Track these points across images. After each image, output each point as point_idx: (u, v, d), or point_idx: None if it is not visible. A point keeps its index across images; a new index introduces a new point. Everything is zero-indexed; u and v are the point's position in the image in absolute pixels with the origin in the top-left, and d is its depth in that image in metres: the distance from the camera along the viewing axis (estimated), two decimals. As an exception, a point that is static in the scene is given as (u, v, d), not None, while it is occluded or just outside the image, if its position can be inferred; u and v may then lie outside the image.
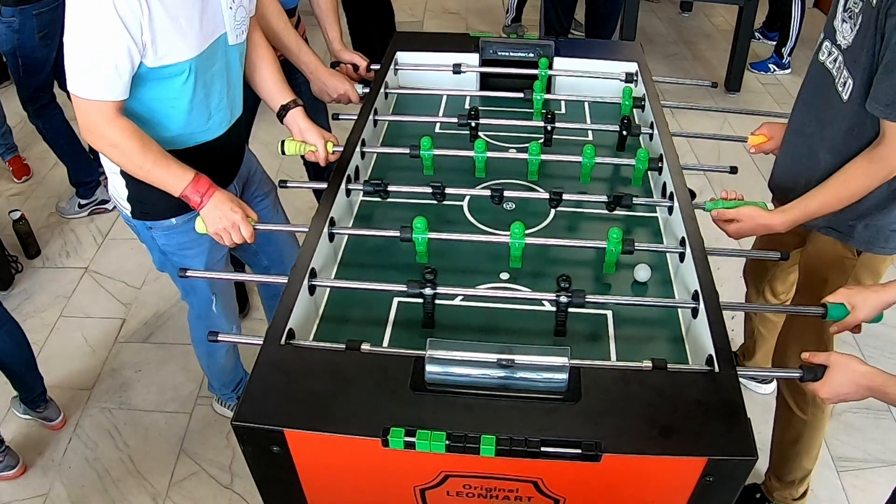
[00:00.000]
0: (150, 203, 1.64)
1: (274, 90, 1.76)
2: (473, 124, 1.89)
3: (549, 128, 1.89)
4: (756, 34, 4.44)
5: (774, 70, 4.40)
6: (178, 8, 1.41)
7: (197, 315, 2.02)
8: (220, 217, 1.52)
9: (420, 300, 1.38)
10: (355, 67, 2.20)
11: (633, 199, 1.63)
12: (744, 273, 2.20)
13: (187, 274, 1.52)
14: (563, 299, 1.34)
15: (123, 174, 1.61)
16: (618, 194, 1.62)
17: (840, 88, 1.51)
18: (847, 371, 1.24)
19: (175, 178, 1.50)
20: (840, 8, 1.50)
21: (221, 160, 1.73)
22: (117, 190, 1.68)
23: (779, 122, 1.88)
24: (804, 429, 1.87)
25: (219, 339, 1.35)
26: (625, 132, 1.87)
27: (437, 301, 1.47)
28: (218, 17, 1.52)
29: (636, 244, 1.49)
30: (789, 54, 4.34)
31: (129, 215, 1.71)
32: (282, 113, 1.76)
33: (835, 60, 1.53)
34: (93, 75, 1.38)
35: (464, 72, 2.16)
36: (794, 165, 1.72)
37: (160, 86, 1.48)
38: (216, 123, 1.64)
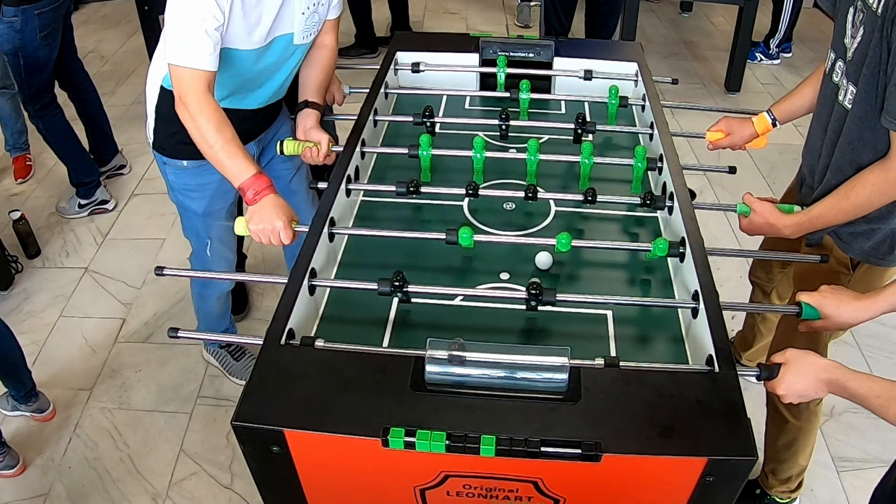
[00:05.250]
0: (168, 141, 1.80)
1: (310, 88, 1.83)
2: (429, 123, 1.92)
3: (503, 126, 1.91)
4: (755, 54, 4.47)
5: (761, 59, 4.44)
6: (254, 5, 1.53)
7: (195, 255, 2.12)
8: (265, 218, 1.54)
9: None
10: None
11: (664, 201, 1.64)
12: (749, 275, 2.20)
13: (164, 273, 1.53)
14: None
15: (157, 110, 1.77)
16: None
17: (841, 97, 1.48)
18: (802, 365, 1.21)
19: (238, 169, 1.55)
20: (848, 24, 1.46)
21: (247, 124, 1.82)
22: (149, 122, 1.84)
23: (737, 118, 1.88)
24: (798, 434, 1.87)
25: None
26: (579, 130, 1.88)
27: (436, 301, 1.47)
28: (287, 19, 1.63)
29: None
30: (777, 45, 4.40)
31: (151, 145, 1.87)
32: (301, 105, 1.81)
33: (841, 73, 1.49)
34: (188, 45, 1.49)
35: (423, 70, 2.19)
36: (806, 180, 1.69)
37: None
38: (250, 101, 1.76)
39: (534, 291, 1.35)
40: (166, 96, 1.68)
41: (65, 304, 2.79)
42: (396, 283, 1.36)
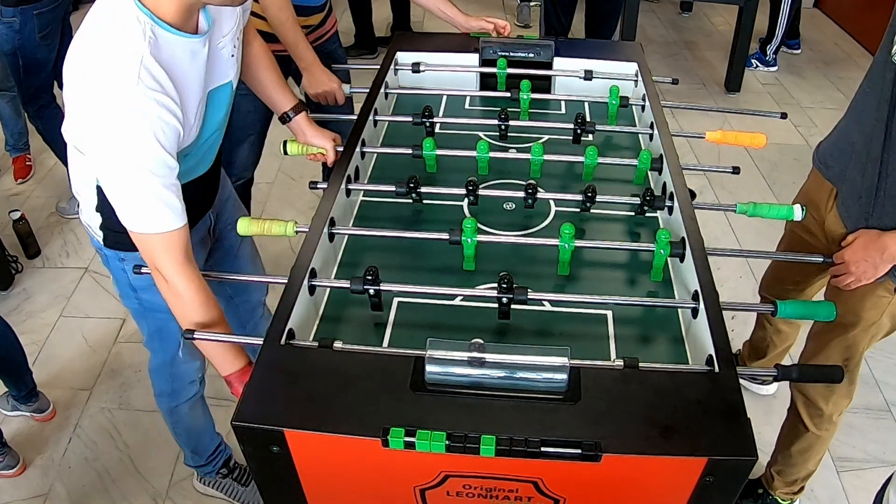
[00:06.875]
0: (125, 233, 1.33)
1: (277, 95, 1.74)
2: (428, 123, 1.91)
3: (503, 126, 1.91)
4: (752, 61, 4.47)
5: (758, 66, 4.45)
6: (192, 107, 1.32)
7: (159, 364, 1.86)
8: None
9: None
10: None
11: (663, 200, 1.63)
12: (759, 290, 2.16)
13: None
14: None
15: (100, 209, 1.48)
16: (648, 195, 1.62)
17: None
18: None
19: (224, 360, 1.37)
20: None
21: (201, 194, 1.64)
22: (89, 216, 1.53)
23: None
24: (815, 442, 1.88)
25: (196, 337, 1.30)
26: (579, 130, 1.88)
27: (437, 301, 1.47)
28: (223, 71, 1.42)
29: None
30: (774, 52, 4.40)
31: (101, 243, 1.56)
32: (285, 118, 1.76)
33: None
34: (147, 211, 1.26)
35: (423, 70, 2.18)
36: (866, 195, 1.55)
37: None
38: (202, 165, 1.55)
39: (504, 286, 1.34)
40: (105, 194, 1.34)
41: (65, 304, 2.80)
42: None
